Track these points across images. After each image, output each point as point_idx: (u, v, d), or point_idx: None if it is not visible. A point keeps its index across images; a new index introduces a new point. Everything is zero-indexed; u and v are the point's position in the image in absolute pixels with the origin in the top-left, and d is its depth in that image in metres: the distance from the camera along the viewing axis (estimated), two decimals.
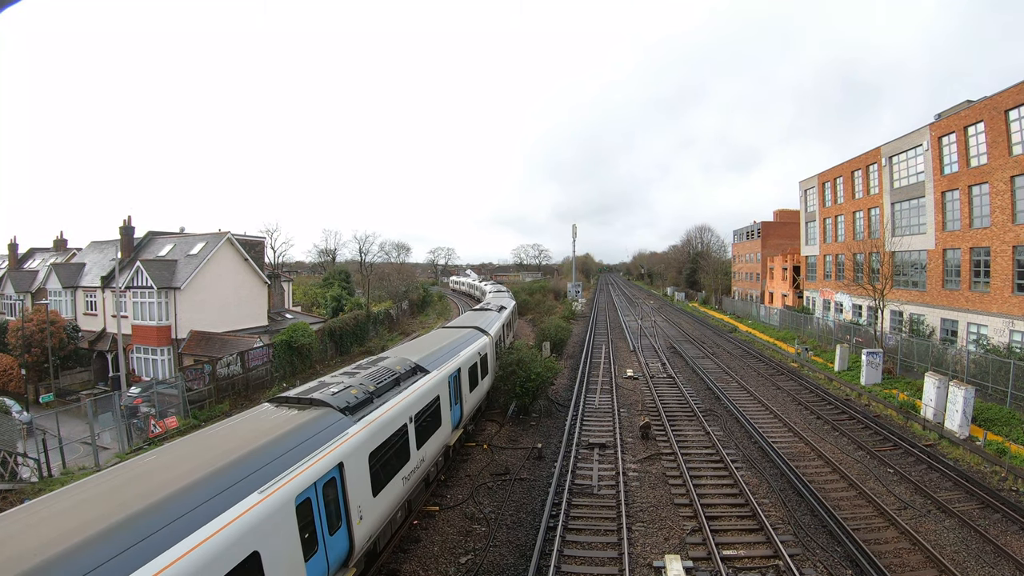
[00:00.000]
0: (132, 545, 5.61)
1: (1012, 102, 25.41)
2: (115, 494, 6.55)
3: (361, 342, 41.95)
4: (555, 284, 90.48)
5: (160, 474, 7.11)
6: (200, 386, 25.63)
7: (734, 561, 11.28)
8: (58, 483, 16.49)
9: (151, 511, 6.15)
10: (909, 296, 33.77)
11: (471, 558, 11.76)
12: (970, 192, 28.74)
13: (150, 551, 5.61)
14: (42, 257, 46.45)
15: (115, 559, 5.39)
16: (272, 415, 9.80)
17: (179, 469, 7.22)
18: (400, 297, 64.67)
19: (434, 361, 15.84)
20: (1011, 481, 15.14)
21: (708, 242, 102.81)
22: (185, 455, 7.94)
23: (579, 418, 21.28)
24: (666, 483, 15.39)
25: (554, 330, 36.88)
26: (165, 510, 6.22)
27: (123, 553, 5.48)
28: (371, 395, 11.42)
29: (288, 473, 7.77)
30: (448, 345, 18.30)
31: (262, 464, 7.67)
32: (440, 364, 15.87)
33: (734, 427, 20.63)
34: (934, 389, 20.16)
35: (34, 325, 31.85)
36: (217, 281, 33.94)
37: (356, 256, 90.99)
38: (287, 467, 7.87)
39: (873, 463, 16.82)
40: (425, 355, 15.98)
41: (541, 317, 49.24)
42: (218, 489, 6.84)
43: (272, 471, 7.64)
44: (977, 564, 11.16)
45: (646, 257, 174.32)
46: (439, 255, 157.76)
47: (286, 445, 8.38)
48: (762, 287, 65.69)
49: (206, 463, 7.40)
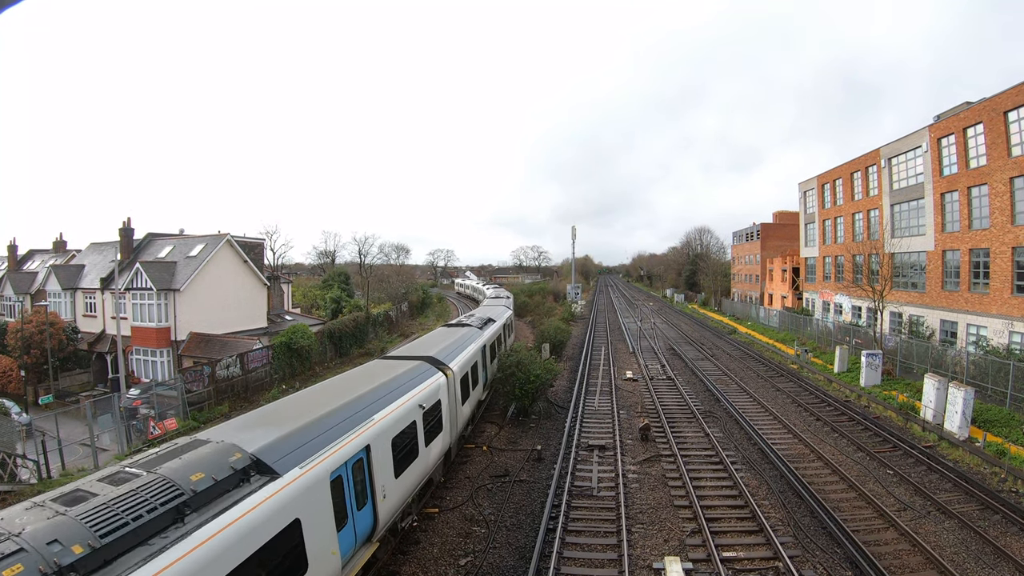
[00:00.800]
0: (361, 410, 10.59)
1: (1011, 103, 25.47)
2: (337, 391, 11.64)
3: (361, 344, 41.92)
4: (554, 286, 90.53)
5: (349, 386, 12.27)
6: (199, 388, 25.63)
7: (734, 563, 11.27)
8: (57, 484, 16.46)
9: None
10: (908, 297, 33.79)
11: (471, 560, 11.75)
12: (969, 193, 28.78)
13: (370, 412, 10.71)
14: (41, 258, 46.46)
15: (359, 412, 10.43)
16: (388, 364, 14.97)
17: (358, 385, 12.17)
18: (399, 299, 64.69)
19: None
20: (1011, 482, 15.13)
21: (707, 244, 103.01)
22: (357, 378, 13.26)
23: (578, 420, 21.27)
24: (666, 485, 15.39)
25: (553, 332, 36.85)
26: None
27: (357, 413, 10.37)
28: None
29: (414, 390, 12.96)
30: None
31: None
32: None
33: (734, 429, 20.63)
34: (934, 390, 20.15)
35: (33, 327, 31.83)
36: (216, 283, 33.93)
37: (355, 258, 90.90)
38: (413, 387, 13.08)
39: (873, 464, 16.81)
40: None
41: (540, 319, 49.28)
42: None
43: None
44: (977, 565, 11.15)
45: (645, 259, 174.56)
46: (438, 257, 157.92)
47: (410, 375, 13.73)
48: (761, 289, 65.73)
49: (373, 383, 12.30)
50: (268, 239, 76.79)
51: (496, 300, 42.10)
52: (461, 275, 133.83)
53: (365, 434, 10.02)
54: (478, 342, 20.86)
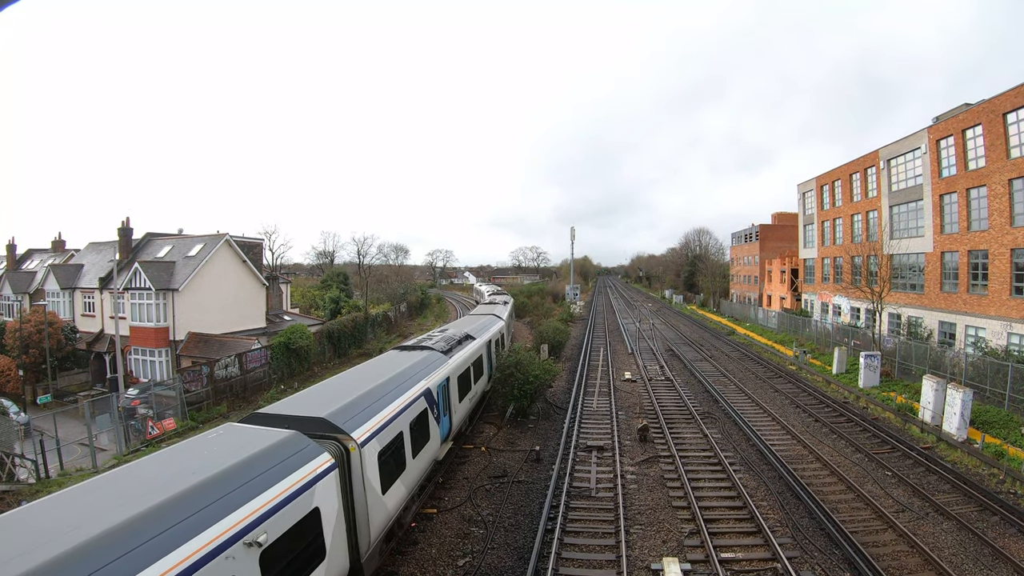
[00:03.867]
0: (399, 385, 12.86)
1: (1010, 105, 25.52)
2: (365, 377, 13.27)
3: (359, 344, 41.92)
4: (553, 286, 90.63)
5: (369, 373, 13.69)
6: (198, 388, 25.60)
7: (732, 564, 11.27)
8: (55, 484, 16.43)
9: (386, 383, 12.69)
10: (907, 299, 33.83)
11: (469, 560, 11.73)
12: (968, 195, 28.82)
13: (401, 391, 12.39)
14: (40, 258, 46.41)
15: (385, 394, 11.79)
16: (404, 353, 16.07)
17: (383, 371, 13.76)
18: (398, 299, 64.70)
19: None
20: (1009, 483, 15.14)
21: (706, 245, 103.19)
22: (380, 366, 14.75)
23: (577, 421, 21.26)
24: (664, 486, 15.38)
25: (552, 332, 36.85)
26: (395, 382, 13.09)
27: (390, 392, 12.10)
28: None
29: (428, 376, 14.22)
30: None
31: (415, 372, 14.22)
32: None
33: (732, 430, 20.63)
34: (932, 392, 20.17)
35: (32, 326, 31.80)
36: (215, 283, 33.91)
37: (354, 258, 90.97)
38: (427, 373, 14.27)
39: (871, 466, 16.81)
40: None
41: (539, 319, 49.28)
42: (409, 376, 13.80)
43: (421, 375, 14.19)
44: (975, 566, 11.15)
45: (644, 260, 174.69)
46: (437, 257, 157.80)
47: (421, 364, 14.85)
48: (760, 290, 65.79)
49: (396, 368, 13.96)
50: (267, 239, 76.76)
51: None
52: (459, 275, 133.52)
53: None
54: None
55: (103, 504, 6.32)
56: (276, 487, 7.45)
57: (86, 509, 6.24)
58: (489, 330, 24.97)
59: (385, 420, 10.87)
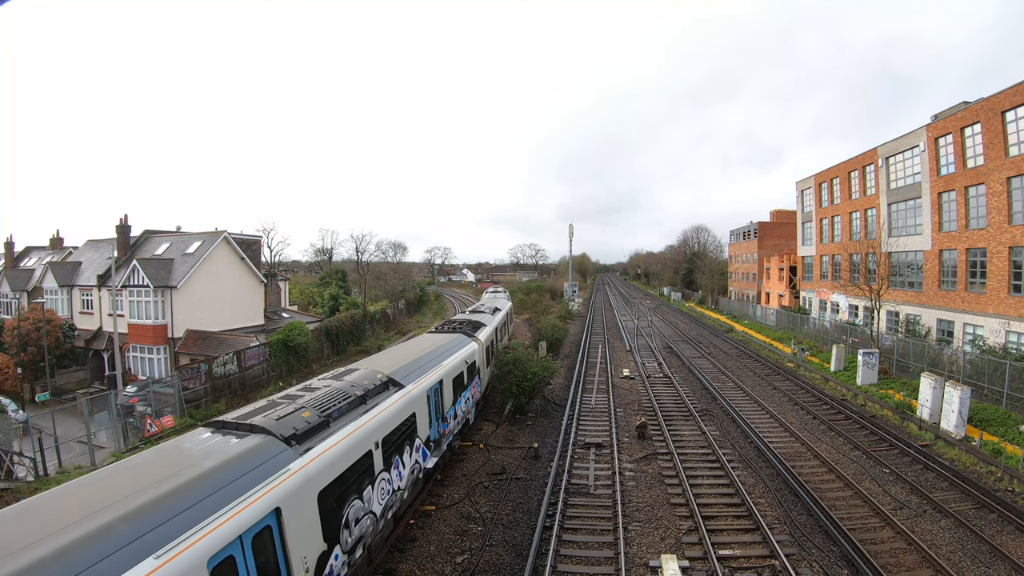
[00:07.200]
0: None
1: (1009, 103, 25.50)
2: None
3: (358, 341, 41.89)
4: (552, 284, 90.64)
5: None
6: (196, 385, 25.54)
7: (730, 561, 11.30)
8: (54, 482, 16.42)
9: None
10: (905, 297, 33.87)
11: (467, 557, 11.75)
12: (966, 193, 28.83)
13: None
14: (38, 255, 46.26)
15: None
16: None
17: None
18: (397, 296, 64.63)
19: None
20: (1007, 481, 15.20)
21: (705, 242, 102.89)
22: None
23: (575, 418, 21.28)
24: (662, 483, 15.40)
25: (550, 330, 36.84)
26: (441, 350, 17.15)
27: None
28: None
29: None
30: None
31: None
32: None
33: (730, 427, 20.66)
34: (930, 389, 20.21)
35: (30, 324, 31.70)
36: (213, 280, 33.83)
37: (353, 255, 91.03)
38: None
39: (869, 463, 16.86)
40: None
41: (538, 317, 49.25)
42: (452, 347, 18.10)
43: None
44: (973, 564, 11.20)
45: (643, 257, 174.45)
46: (436, 254, 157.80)
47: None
48: (758, 287, 65.82)
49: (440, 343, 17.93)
50: (265, 236, 76.73)
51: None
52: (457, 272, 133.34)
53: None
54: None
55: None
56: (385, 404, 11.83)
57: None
58: (497, 316, 28.69)
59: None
